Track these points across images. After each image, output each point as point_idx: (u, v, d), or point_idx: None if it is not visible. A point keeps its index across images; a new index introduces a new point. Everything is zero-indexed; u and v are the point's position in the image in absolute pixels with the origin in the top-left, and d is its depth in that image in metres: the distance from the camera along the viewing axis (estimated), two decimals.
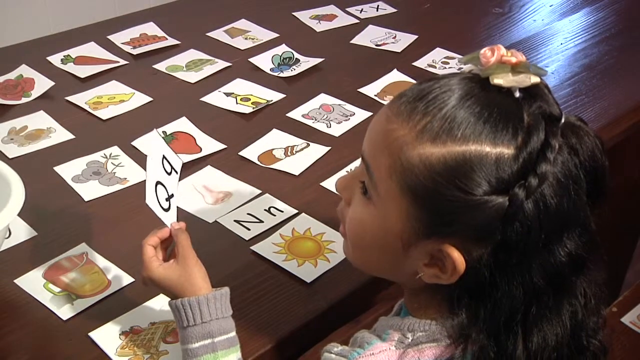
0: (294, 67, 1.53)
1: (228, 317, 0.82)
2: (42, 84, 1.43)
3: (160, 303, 0.94)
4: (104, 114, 1.35)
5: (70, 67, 1.50)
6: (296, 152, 1.26)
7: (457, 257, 0.64)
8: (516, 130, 0.62)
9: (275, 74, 1.51)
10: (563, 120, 0.64)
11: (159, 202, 0.87)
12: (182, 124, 1.32)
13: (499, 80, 0.63)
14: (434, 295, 0.69)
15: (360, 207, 0.71)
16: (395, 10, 1.84)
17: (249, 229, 1.07)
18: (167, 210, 0.87)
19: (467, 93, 0.64)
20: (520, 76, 0.63)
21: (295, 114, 1.37)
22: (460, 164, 0.62)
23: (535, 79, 0.63)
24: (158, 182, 0.86)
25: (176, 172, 0.87)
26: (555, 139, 0.62)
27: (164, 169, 0.86)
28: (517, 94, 0.63)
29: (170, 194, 0.87)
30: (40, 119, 1.33)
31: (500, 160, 0.61)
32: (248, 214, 1.10)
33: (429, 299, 0.70)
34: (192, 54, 1.57)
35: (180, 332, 0.81)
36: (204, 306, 0.80)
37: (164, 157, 0.86)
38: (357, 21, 1.77)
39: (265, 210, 1.11)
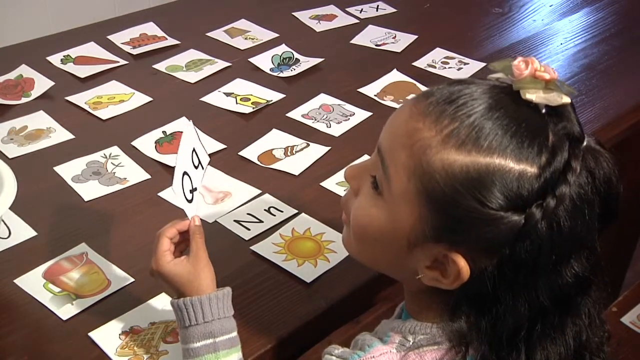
0: (293, 67, 1.53)
1: (230, 317, 0.82)
2: (42, 84, 1.43)
3: (160, 303, 0.94)
4: (103, 114, 1.35)
5: (70, 67, 1.50)
6: (296, 152, 1.26)
7: (463, 265, 0.64)
8: (541, 148, 0.62)
9: (275, 74, 1.51)
10: (585, 143, 0.63)
11: (184, 192, 0.85)
12: (182, 124, 1.32)
13: (530, 95, 0.63)
14: (434, 298, 0.69)
15: (369, 200, 0.70)
16: (395, 10, 1.83)
17: (249, 229, 1.07)
18: (190, 202, 0.86)
19: (497, 103, 0.64)
20: (552, 94, 0.63)
21: (295, 114, 1.37)
22: (483, 176, 0.61)
23: (566, 99, 0.63)
24: (185, 172, 0.85)
25: (202, 168, 0.86)
26: (576, 161, 0.61)
27: (192, 161, 0.85)
28: (544, 110, 0.63)
29: (194, 187, 0.86)
30: (40, 119, 1.33)
31: (522, 178, 0.61)
32: (248, 214, 1.10)
33: (429, 302, 0.70)
34: (192, 54, 1.57)
35: (181, 331, 0.81)
36: (205, 306, 0.80)
37: (194, 149, 0.85)
38: (357, 21, 1.77)
39: (265, 210, 1.11)
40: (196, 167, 0.86)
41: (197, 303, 0.79)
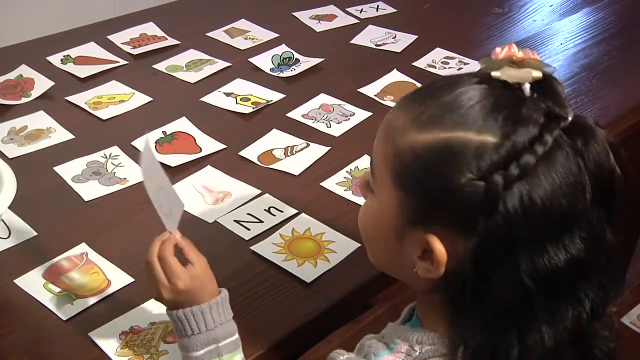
0: (293, 67, 1.53)
1: (230, 320, 0.82)
2: (42, 84, 1.43)
3: (160, 303, 0.93)
4: (103, 114, 1.35)
5: (70, 67, 1.50)
6: (296, 152, 1.26)
7: (438, 247, 0.64)
8: (507, 121, 0.61)
9: (275, 74, 1.51)
10: (570, 120, 0.62)
11: (161, 205, 0.82)
12: (182, 124, 1.32)
13: (496, 73, 0.64)
14: (437, 300, 0.69)
15: (367, 201, 0.73)
16: (395, 10, 1.83)
17: (249, 229, 1.07)
18: (168, 215, 0.82)
19: (469, 86, 0.64)
20: (521, 71, 0.63)
21: (295, 114, 1.37)
22: (445, 150, 0.62)
23: (537, 74, 0.63)
24: (160, 187, 0.81)
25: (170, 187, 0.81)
26: (549, 134, 0.61)
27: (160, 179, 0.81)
28: (527, 91, 0.63)
29: (169, 209, 0.82)
30: (40, 119, 1.33)
31: (482, 148, 0.61)
32: (248, 214, 1.10)
33: (434, 306, 0.70)
34: (192, 54, 1.57)
35: (182, 340, 0.80)
36: (207, 314, 0.79)
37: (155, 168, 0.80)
38: (357, 21, 1.77)
39: (265, 210, 1.11)
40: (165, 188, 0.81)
41: (198, 312, 0.79)
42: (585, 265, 0.63)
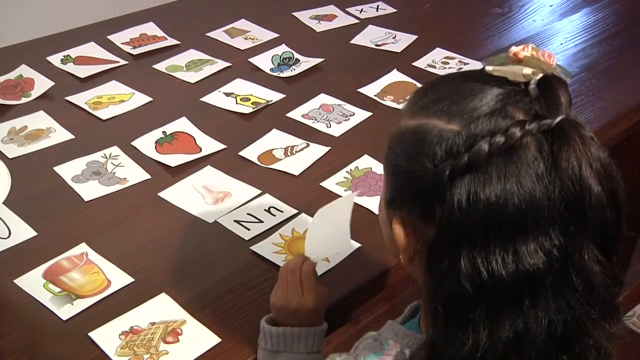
0: (293, 67, 1.53)
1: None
2: (42, 84, 1.43)
3: (160, 303, 0.94)
4: (103, 114, 1.35)
5: (70, 67, 1.50)
6: (296, 152, 1.26)
7: (397, 230, 0.65)
8: (481, 113, 0.60)
9: (275, 74, 1.51)
10: (555, 123, 0.58)
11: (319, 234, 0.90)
12: (182, 124, 1.32)
13: (489, 67, 0.63)
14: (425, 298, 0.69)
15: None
16: (395, 10, 1.83)
17: (249, 229, 1.07)
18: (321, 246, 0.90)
19: (472, 82, 0.64)
20: (512, 67, 0.62)
21: (295, 114, 1.37)
22: (415, 136, 0.63)
23: (527, 71, 0.61)
24: (335, 222, 0.89)
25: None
26: (517, 129, 0.57)
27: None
28: (532, 90, 0.61)
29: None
30: (40, 119, 1.33)
31: (442, 135, 0.60)
32: (248, 214, 1.10)
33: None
34: (192, 54, 1.57)
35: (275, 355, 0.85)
36: (316, 337, 0.85)
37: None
38: (357, 21, 1.77)
39: (265, 210, 1.11)
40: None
41: (310, 333, 0.85)
42: (543, 281, 0.58)
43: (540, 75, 0.61)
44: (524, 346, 0.59)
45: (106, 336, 0.89)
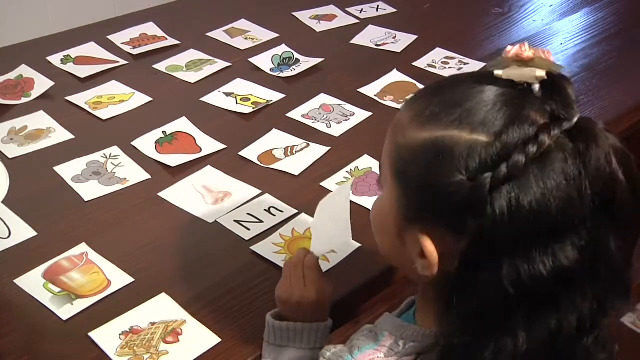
0: (293, 67, 1.53)
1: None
2: (42, 84, 1.43)
3: (160, 303, 0.94)
4: (103, 114, 1.35)
5: (70, 67, 1.50)
6: (296, 152, 1.26)
7: (429, 247, 0.64)
8: (505, 121, 0.60)
9: (275, 74, 1.51)
10: (574, 123, 0.60)
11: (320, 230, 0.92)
12: (182, 124, 1.32)
13: (498, 72, 0.63)
14: (431, 294, 0.69)
15: (377, 197, 0.74)
16: (395, 10, 1.83)
17: (249, 229, 1.07)
18: (324, 241, 0.91)
19: (475, 86, 0.63)
20: (524, 70, 0.62)
21: (295, 114, 1.37)
22: (437, 149, 0.62)
23: (540, 73, 0.61)
24: (334, 215, 0.90)
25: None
26: (547, 135, 0.58)
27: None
28: (537, 91, 0.61)
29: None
30: (40, 119, 1.33)
31: (473, 147, 0.60)
32: (248, 214, 1.10)
33: (429, 301, 0.70)
34: (192, 54, 1.57)
35: (277, 349, 0.86)
36: (318, 333, 0.86)
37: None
38: (357, 21, 1.77)
39: (265, 210, 1.11)
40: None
41: (313, 329, 0.85)
42: (577, 276, 0.60)
43: (544, 74, 0.62)
44: (557, 343, 0.61)
45: (106, 336, 0.89)
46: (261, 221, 1.09)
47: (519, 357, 0.60)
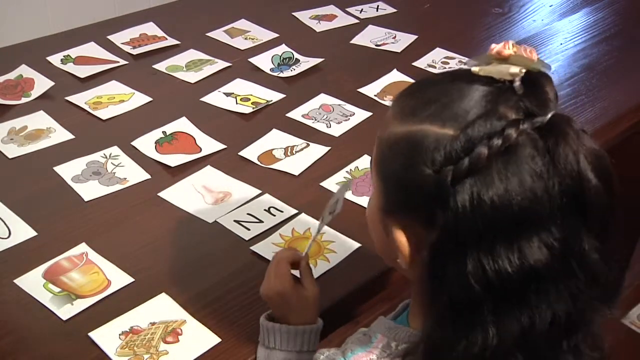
0: (293, 67, 1.53)
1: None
2: (42, 84, 1.43)
3: (160, 303, 0.94)
4: (103, 114, 1.35)
5: (70, 67, 1.50)
6: (296, 152, 1.26)
7: (400, 237, 0.65)
8: (474, 116, 0.60)
9: (275, 74, 1.51)
10: (547, 120, 0.59)
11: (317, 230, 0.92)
12: (182, 124, 1.32)
13: (475, 68, 0.63)
14: (418, 296, 0.70)
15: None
16: (395, 10, 1.84)
17: (249, 229, 1.07)
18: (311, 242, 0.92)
19: (453, 81, 0.64)
20: (499, 66, 0.62)
21: (295, 114, 1.37)
22: (409, 143, 0.63)
23: (515, 70, 0.61)
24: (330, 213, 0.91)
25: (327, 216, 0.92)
26: (513, 130, 0.58)
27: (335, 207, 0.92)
28: (518, 88, 0.61)
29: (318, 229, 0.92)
30: (40, 119, 1.33)
31: (439, 141, 0.60)
32: (248, 214, 1.10)
33: (419, 303, 0.70)
34: (192, 54, 1.57)
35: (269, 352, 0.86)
36: (306, 336, 0.86)
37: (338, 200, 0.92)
38: (357, 21, 1.77)
39: (265, 210, 1.11)
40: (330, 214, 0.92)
41: (299, 331, 0.85)
42: (548, 274, 0.59)
43: (524, 72, 0.61)
44: (529, 340, 0.60)
45: (106, 336, 0.89)
46: (261, 221, 1.09)
47: (492, 352, 0.60)
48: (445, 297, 0.61)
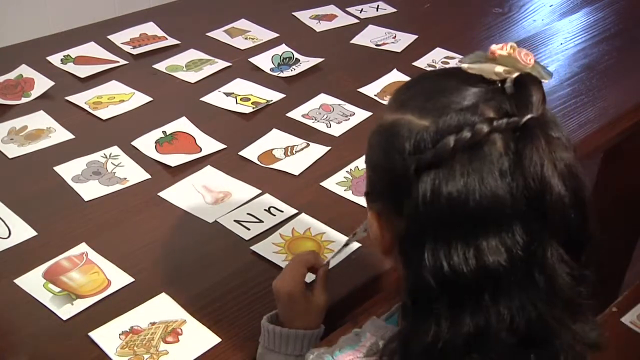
0: (294, 67, 1.53)
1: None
2: (42, 84, 1.43)
3: (160, 303, 0.94)
4: (103, 114, 1.35)
5: (70, 67, 1.50)
6: (296, 152, 1.26)
7: (372, 222, 0.67)
8: (450, 110, 0.60)
9: (275, 74, 1.51)
10: (522, 123, 0.58)
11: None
12: (182, 124, 1.32)
13: (464, 65, 0.64)
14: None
15: None
16: (395, 10, 1.83)
17: (249, 229, 1.07)
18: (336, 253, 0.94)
19: (451, 78, 0.64)
20: (484, 65, 0.62)
21: (295, 114, 1.37)
22: (389, 131, 0.64)
23: (499, 69, 0.61)
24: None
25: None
26: (485, 125, 0.58)
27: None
28: (509, 88, 0.61)
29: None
30: (40, 119, 1.33)
31: (413, 130, 0.61)
32: (248, 214, 1.10)
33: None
34: (192, 54, 1.57)
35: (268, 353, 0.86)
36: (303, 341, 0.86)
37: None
38: (357, 21, 1.77)
39: (265, 210, 1.11)
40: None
41: (298, 336, 0.85)
42: (504, 276, 0.59)
43: (516, 74, 0.61)
44: (486, 341, 0.60)
45: (106, 336, 0.89)
46: (261, 221, 1.09)
47: (445, 345, 0.60)
48: (408, 287, 0.62)
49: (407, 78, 1.49)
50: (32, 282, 0.97)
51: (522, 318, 0.60)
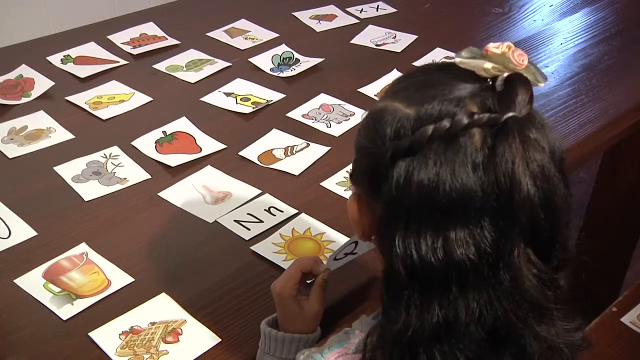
0: (294, 67, 1.53)
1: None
2: (42, 84, 1.43)
3: (160, 303, 0.94)
4: (104, 114, 1.35)
5: (70, 67, 1.50)
6: (296, 152, 1.26)
7: (350, 204, 0.69)
8: (436, 101, 0.61)
9: (275, 74, 1.51)
10: (502, 120, 0.58)
11: (343, 250, 0.92)
12: (182, 124, 1.32)
13: (457, 59, 0.64)
14: None
15: None
16: (395, 10, 1.83)
17: (249, 229, 1.07)
18: (336, 259, 0.92)
19: (444, 72, 0.65)
20: (473, 60, 0.63)
21: (295, 114, 1.37)
22: (375, 116, 0.65)
23: (487, 65, 0.61)
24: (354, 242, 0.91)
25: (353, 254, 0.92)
26: (464, 116, 0.58)
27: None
28: (499, 85, 0.61)
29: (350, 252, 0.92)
30: (40, 119, 1.33)
31: (395, 117, 0.62)
32: (248, 214, 1.10)
33: None
34: (192, 54, 1.57)
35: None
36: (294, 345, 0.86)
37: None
38: (357, 21, 1.77)
39: (265, 210, 1.11)
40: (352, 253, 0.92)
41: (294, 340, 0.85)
42: (472, 270, 0.59)
43: (507, 73, 0.61)
44: (455, 333, 0.60)
45: (106, 336, 0.89)
46: (261, 221, 1.09)
47: (415, 333, 0.60)
48: (384, 276, 0.63)
49: None
50: (32, 282, 0.97)
51: (490, 314, 0.60)
